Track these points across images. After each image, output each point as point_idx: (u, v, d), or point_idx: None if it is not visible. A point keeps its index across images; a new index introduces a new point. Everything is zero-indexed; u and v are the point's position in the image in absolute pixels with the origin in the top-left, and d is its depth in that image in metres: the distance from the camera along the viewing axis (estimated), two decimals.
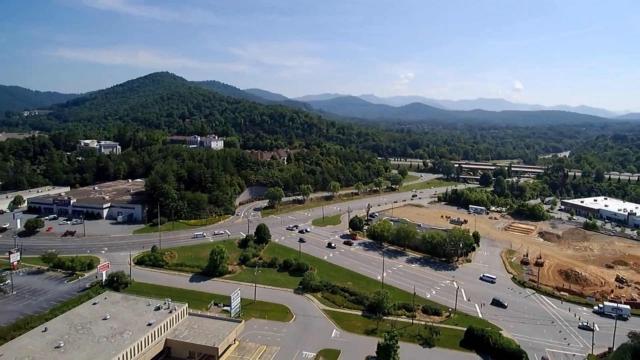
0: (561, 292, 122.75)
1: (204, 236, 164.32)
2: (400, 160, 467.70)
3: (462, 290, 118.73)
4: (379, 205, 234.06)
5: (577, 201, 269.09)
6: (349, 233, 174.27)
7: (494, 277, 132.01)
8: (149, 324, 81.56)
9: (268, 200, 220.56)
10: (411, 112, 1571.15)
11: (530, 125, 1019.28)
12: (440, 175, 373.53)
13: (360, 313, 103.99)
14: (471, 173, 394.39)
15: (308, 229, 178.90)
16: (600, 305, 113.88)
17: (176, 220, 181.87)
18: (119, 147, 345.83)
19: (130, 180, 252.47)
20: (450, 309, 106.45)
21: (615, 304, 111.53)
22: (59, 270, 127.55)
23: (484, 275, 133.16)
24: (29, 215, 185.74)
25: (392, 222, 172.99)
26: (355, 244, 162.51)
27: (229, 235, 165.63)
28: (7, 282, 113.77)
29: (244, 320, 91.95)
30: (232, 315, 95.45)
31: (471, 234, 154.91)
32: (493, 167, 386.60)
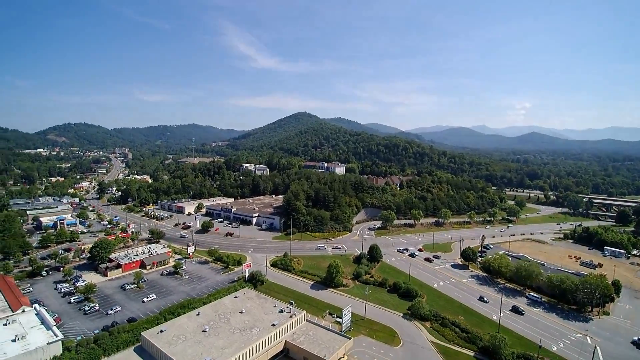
0: None
1: (325, 248, 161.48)
2: (516, 191, 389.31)
3: (598, 349, 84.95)
4: (493, 237, 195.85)
5: None
6: (461, 263, 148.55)
7: None
8: (273, 324, 79.72)
9: (381, 221, 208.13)
10: (528, 142, 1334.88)
11: None
12: (565, 210, 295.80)
13: (472, 354, 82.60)
14: (603, 209, 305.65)
15: (417, 253, 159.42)
16: None
17: (304, 232, 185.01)
18: (268, 169, 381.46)
19: (274, 195, 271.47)
20: None
21: None
22: (218, 262, 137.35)
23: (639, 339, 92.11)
24: (205, 217, 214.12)
25: (509, 258, 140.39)
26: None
27: (345, 250, 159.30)
28: (183, 267, 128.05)
29: (353, 338, 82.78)
30: (343, 329, 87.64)
31: (610, 282, 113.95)
32: (633, 204, 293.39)
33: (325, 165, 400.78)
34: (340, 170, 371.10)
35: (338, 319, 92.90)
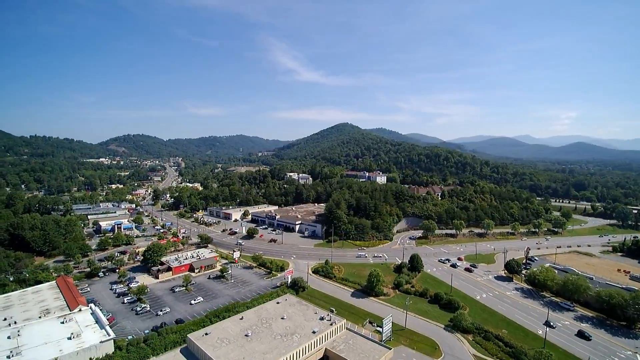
0: None
1: (366, 257, 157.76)
2: (562, 202, 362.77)
3: None
4: (538, 248, 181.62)
5: None
6: (504, 275, 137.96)
7: None
8: (314, 332, 78.76)
9: (422, 231, 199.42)
10: (573, 152, 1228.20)
11: None
12: (614, 222, 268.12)
13: None
14: None
15: (458, 263, 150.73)
16: None
17: (345, 240, 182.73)
18: (310, 178, 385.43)
19: (316, 204, 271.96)
20: None
21: None
22: (261, 268, 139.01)
23: None
24: (251, 224, 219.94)
25: (555, 270, 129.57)
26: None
27: (386, 259, 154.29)
28: (229, 271, 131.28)
29: (393, 348, 79.03)
30: (383, 338, 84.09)
31: None
32: None
33: (367, 174, 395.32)
34: (381, 179, 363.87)
35: (378, 328, 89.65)
